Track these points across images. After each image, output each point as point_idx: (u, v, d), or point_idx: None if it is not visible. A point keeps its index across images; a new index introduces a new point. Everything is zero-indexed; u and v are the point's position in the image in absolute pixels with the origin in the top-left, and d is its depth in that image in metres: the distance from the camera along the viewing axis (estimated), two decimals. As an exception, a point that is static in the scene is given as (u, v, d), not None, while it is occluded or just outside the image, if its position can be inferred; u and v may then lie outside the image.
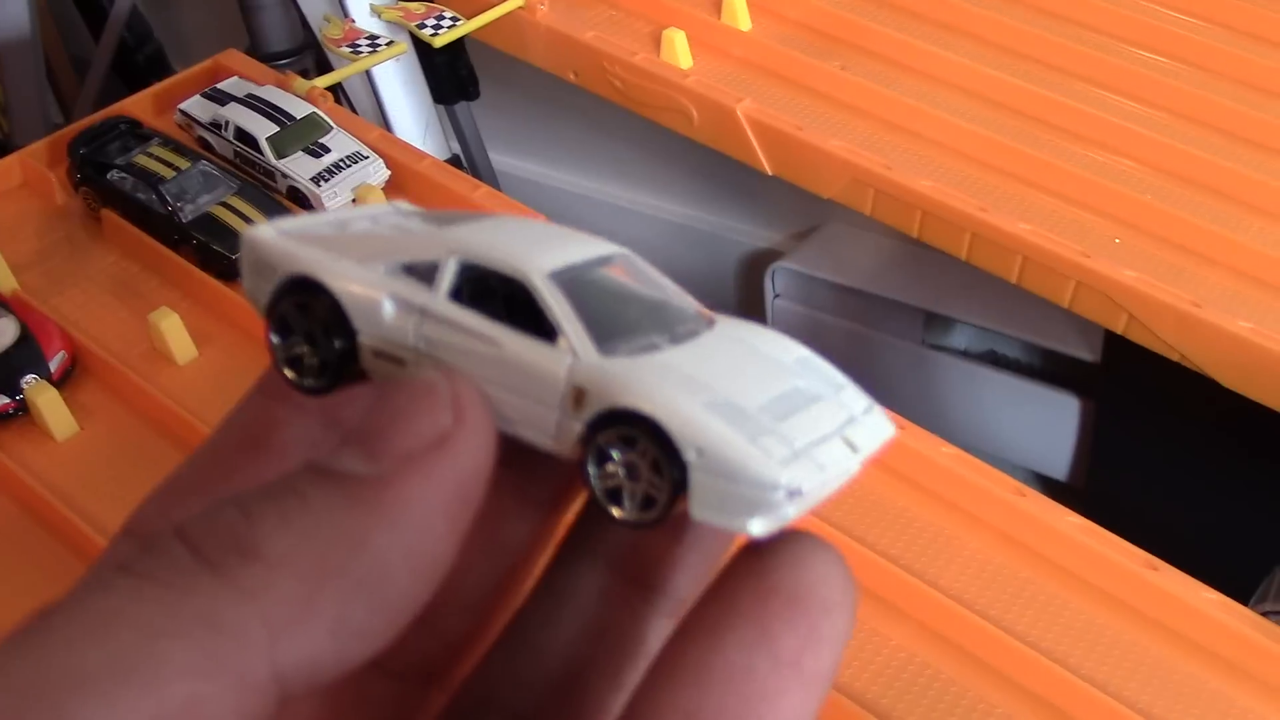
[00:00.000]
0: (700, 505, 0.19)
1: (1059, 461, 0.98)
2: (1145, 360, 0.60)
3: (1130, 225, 0.62)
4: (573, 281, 0.21)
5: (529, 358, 0.20)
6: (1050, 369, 0.99)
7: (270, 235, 0.23)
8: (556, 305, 0.21)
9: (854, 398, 0.21)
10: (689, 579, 0.22)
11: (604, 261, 0.22)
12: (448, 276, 0.21)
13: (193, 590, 0.17)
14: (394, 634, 0.18)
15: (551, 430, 0.20)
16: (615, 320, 0.21)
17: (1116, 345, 0.75)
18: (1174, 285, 0.58)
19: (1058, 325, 0.95)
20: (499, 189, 0.73)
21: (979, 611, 0.47)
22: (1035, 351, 0.99)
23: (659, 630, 0.22)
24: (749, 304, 1.17)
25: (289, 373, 0.22)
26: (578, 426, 0.20)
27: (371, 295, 0.22)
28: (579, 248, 0.22)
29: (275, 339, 0.22)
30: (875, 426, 0.21)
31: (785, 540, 0.18)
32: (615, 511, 0.20)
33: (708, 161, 0.88)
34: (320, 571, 0.18)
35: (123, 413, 0.55)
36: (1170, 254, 0.61)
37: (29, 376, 0.54)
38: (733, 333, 0.22)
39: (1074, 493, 0.98)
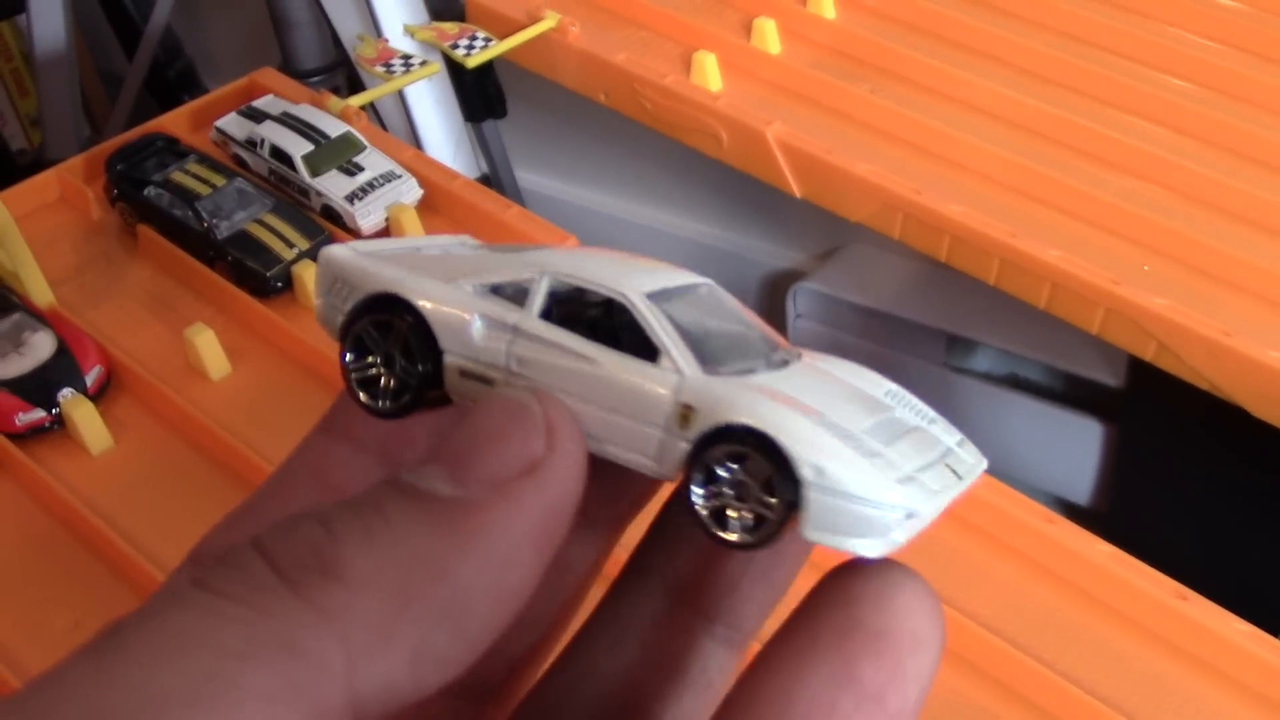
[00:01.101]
0: (813, 525, 0.18)
1: (1081, 486, 0.98)
2: (1169, 385, 0.60)
3: (1160, 252, 0.62)
4: (668, 305, 0.21)
5: (632, 376, 0.20)
6: (1073, 393, 0.98)
7: (348, 254, 0.23)
8: (659, 325, 0.20)
9: (946, 430, 0.21)
10: (753, 610, 0.22)
11: (691, 289, 0.22)
12: (539, 296, 0.21)
13: (271, 611, 0.17)
14: (470, 662, 0.18)
15: (653, 451, 0.20)
16: (713, 343, 0.21)
17: (1140, 370, 0.75)
18: (1204, 313, 0.58)
19: (1081, 349, 0.95)
20: (525, 206, 0.73)
21: (1008, 639, 0.47)
22: (1058, 375, 0.99)
23: (719, 660, 0.22)
24: (771, 324, 1.17)
25: (363, 396, 0.22)
26: (684, 445, 0.20)
27: (460, 313, 0.21)
28: (667, 275, 0.22)
29: (351, 360, 0.22)
30: (970, 457, 0.21)
31: (871, 570, 0.18)
32: (722, 534, 0.19)
33: (731, 181, 0.88)
34: (403, 597, 0.17)
35: (157, 427, 0.55)
36: (1200, 282, 0.61)
37: (65, 390, 0.54)
38: (823, 364, 0.22)
39: (1096, 518, 0.98)
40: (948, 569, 0.50)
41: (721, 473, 0.19)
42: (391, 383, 0.21)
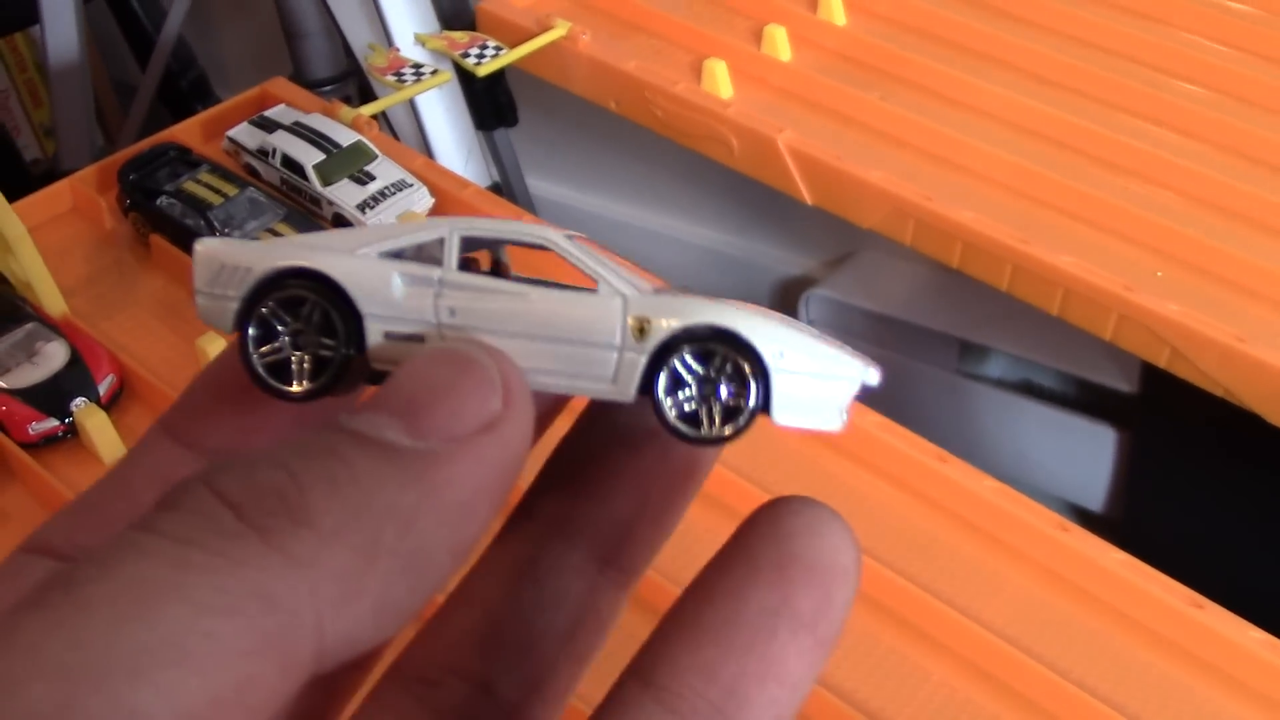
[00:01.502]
0: (784, 410, 0.20)
1: (1094, 493, 0.98)
2: (1183, 392, 0.60)
3: (1173, 258, 0.62)
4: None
5: (576, 306, 0.20)
6: (1086, 399, 0.98)
7: (230, 243, 0.22)
8: (587, 257, 0.21)
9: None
10: (644, 553, 0.23)
11: (569, 239, 0.22)
12: (454, 251, 0.21)
13: (242, 560, 0.16)
14: (420, 612, 0.18)
15: (610, 373, 0.20)
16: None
17: (1154, 376, 0.75)
18: (1217, 319, 0.58)
19: (1094, 355, 0.95)
20: (536, 214, 0.73)
21: (1022, 647, 0.47)
22: (1071, 381, 0.99)
23: (609, 597, 0.23)
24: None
25: (275, 381, 0.21)
26: (643, 358, 0.20)
27: (378, 272, 0.21)
28: (528, 227, 0.22)
29: (254, 344, 0.21)
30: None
31: (800, 507, 0.19)
32: (696, 433, 0.20)
33: (742, 188, 0.88)
34: (372, 547, 0.17)
35: (169, 436, 0.56)
36: (1213, 287, 0.61)
37: (78, 400, 0.55)
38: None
39: (1109, 525, 0.97)
40: (960, 576, 0.50)
41: (686, 376, 0.20)
42: (306, 361, 0.21)
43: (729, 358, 0.20)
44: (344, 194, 0.63)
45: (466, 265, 0.22)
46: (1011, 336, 0.98)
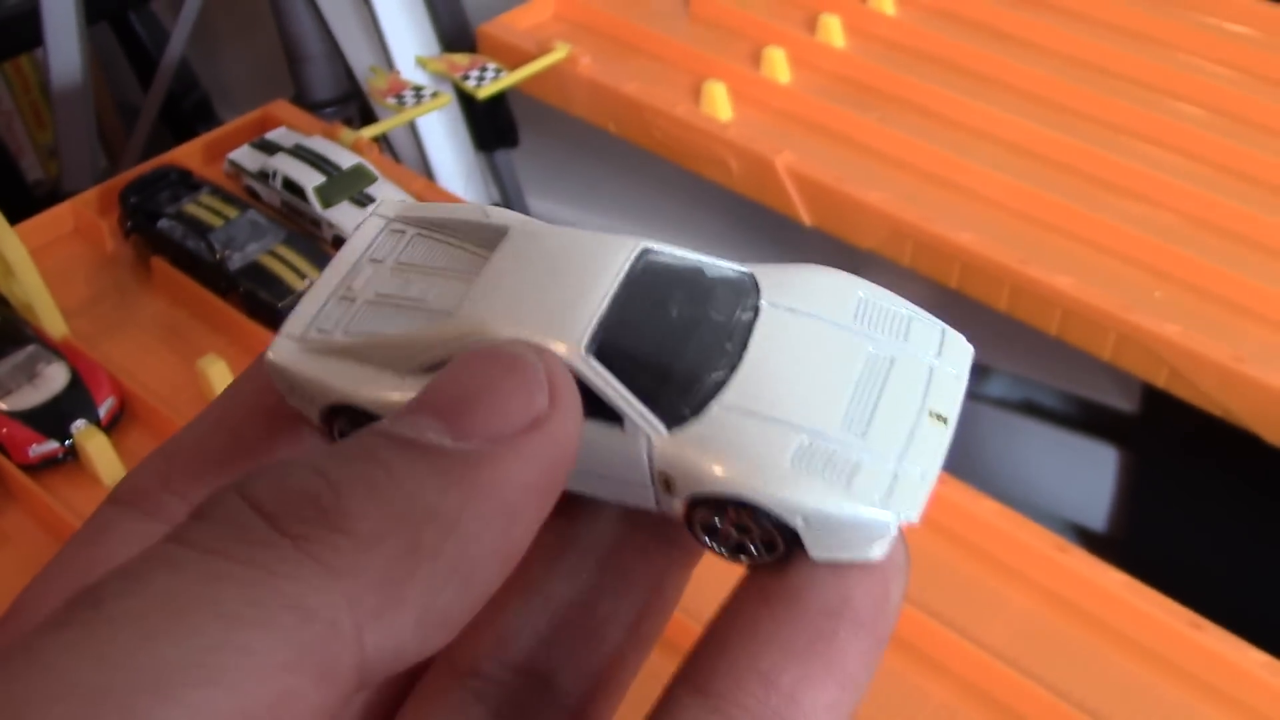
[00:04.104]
0: (818, 550, 0.19)
1: (1095, 512, 0.98)
2: (1184, 412, 0.60)
3: (1171, 278, 0.62)
4: (611, 340, 0.20)
5: (603, 445, 0.20)
6: (1087, 419, 0.98)
7: (289, 358, 0.21)
8: (608, 388, 0.19)
9: (925, 333, 0.21)
10: None
11: (626, 281, 0.20)
12: None
13: (276, 570, 0.15)
14: (468, 622, 0.17)
15: (651, 501, 0.20)
16: (670, 367, 0.20)
17: (1155, 396, 0.75)
18: (1216, 339, 0.58)
19: (1095, 375, 0.95)
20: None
21: (1021, 668, 0.47)
22: (1072, 401, 0.99)
23: (674, 578, 0.22)
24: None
25: None
26: (678, 504, 0.20)
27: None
28: (597, 281, 0.20)
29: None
30: (956, 361, 0.21)
31: None
32: (745, 561, 0.20)
33: (741, 209, 0.89)
34: (413, 554, 0.16)
35: (169, 458, 0.56)
36: (1212, 308, 0.61)
37: (78, 422, 0.55)
38: (785, 299, 0.21)
39: (1110, 544, 0.97)
40: (959, 597, 0.50)
41: (722, 522, 0.20)
42: None
43: (753, 520, 0.19)
44: (344, 216, 0.63)
45: None
46: (1012, 356, 0.98)
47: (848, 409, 0.20)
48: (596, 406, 0.19)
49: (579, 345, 0.19)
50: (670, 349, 0.20)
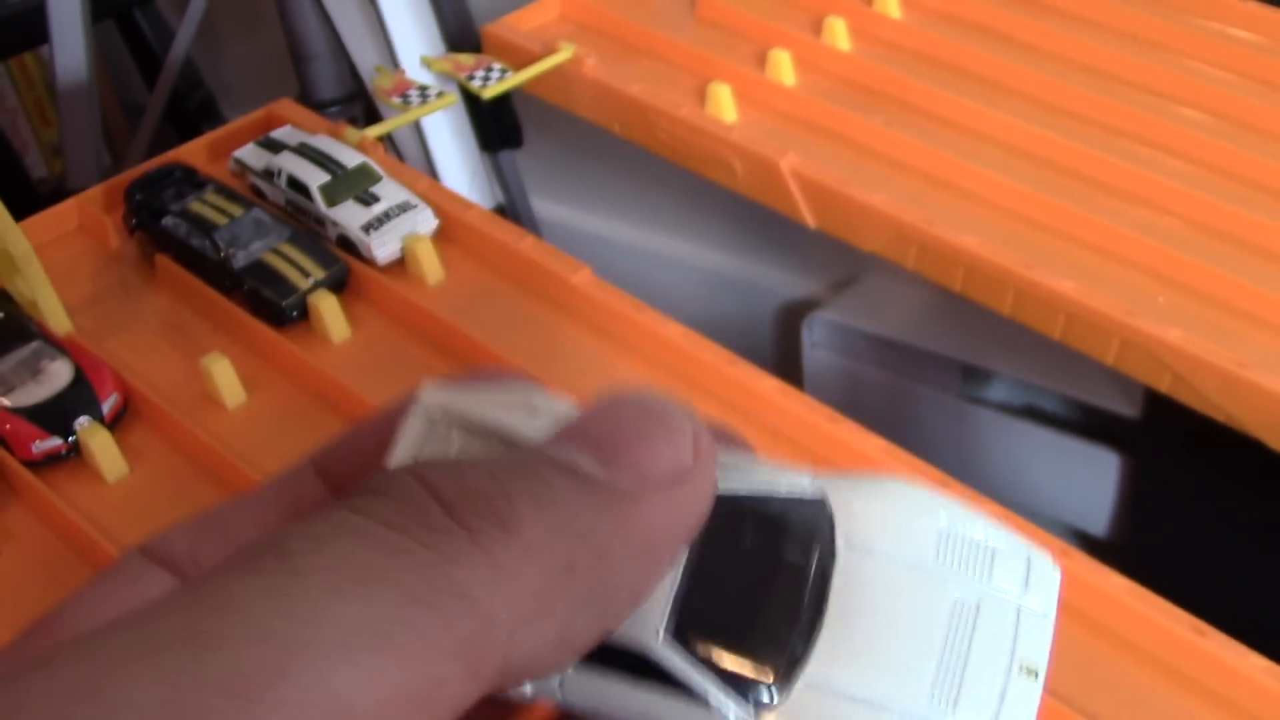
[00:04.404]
0: None
1: (1098, 518, 0.97)
2: (1187, 417, 0.60)
3: (1175, 283, 0.62)
4: (690, 615, 0.19)
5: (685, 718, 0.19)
6: (1090, 423, 0.98)
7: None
8: (689, 676, 0.19)
9: (1010, 564, 0.20)
10: None
11: (706, 547, 0.19)
12: None
13: (450, 557, 0.15)
14: (588, 651, 0.17)
15: None
16: (751, 637, 0.19)
17: (1158, 401, 0.75)
18: (1219, 345, 0.58)
19: (1098, 380, 0.94)
20: (540, 235, 0.74)
21: (1023, 672, 0.47)
22: (1075, 406, 0.99)
23: None
24: (786, 353, 1.17)
25: None
26: None
27: None
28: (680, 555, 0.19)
29: None
30: (1043, 592, 0.20)
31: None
32: None
33: (745, 210, 0.89)
34: (568, 570, 0.16)
35: (172, 455, 0.56)
36: (1216, 313, 0.61)
37: (82, 419, 0.55)
38: (861, 536, 0.20)
39: (1113, 549, 0.97)
40: (962, 601, 0.50)
41: None
42: None
43: None
44: (348, 215, 0.64)
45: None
46: (1015, 360, 0.98)
47: (935, 674, 0.18)
48: (677, 683, 0.19)
49: (657, 629, 0.19)
50: (748, 612, 0.19)
